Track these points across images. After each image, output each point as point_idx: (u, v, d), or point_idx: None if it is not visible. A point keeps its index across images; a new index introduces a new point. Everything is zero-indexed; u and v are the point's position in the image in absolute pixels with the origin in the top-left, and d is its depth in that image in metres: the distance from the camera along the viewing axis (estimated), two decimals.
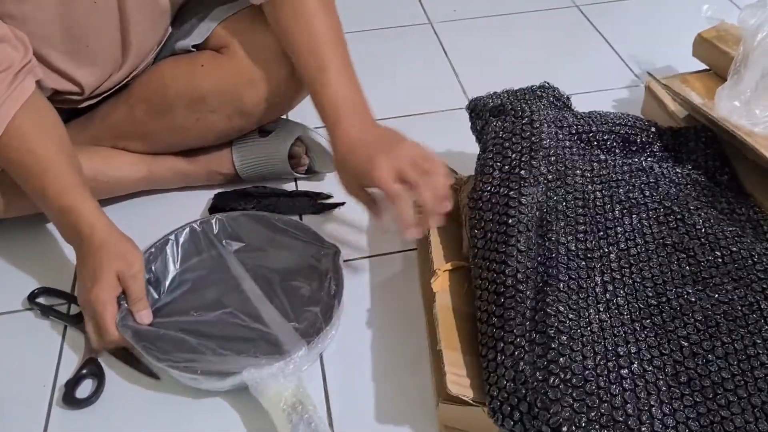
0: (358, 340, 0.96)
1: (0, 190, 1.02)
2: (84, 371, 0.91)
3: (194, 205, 1.17)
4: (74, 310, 1.00)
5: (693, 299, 0.82)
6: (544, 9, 1.72)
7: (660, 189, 0.97)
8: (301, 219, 1.15)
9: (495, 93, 1.07)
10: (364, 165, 0.88)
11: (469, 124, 1.07)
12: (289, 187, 1.21)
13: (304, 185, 1.21)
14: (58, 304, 1.01)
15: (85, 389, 0.90)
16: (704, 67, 1.27)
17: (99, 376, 0.91)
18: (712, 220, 0.92)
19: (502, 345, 0.76)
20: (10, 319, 1.00)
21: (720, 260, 0.87)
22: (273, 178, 1.20)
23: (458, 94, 1.43)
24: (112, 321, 0.90)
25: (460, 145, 1.19)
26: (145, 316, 0.92)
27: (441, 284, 0.90)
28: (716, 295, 0.82)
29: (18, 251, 1.10)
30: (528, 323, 0.76)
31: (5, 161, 0.91)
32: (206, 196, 1.18)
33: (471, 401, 0.76)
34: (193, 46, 1.09)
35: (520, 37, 1.63)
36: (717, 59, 1.22)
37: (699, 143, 1.07)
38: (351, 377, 0.92)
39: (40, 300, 1.01)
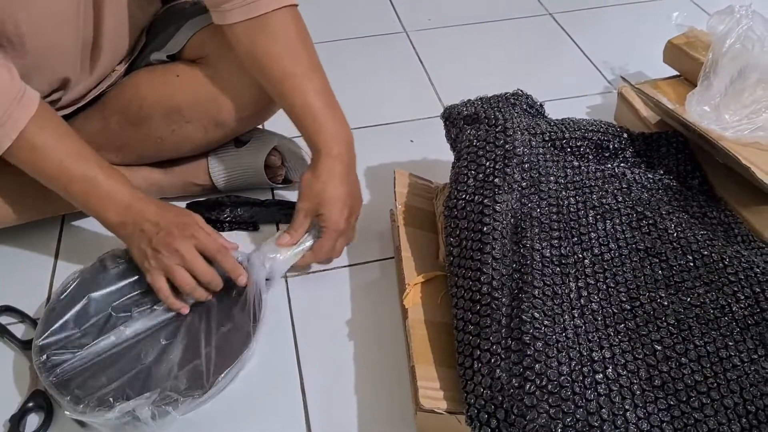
0: (338, 351, 0.96)
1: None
2: (30, 404, 0.87)
3: None
4: (27, 335, 0.97)
5: (666, 303, 0.83)
6: (518, 17, 1.74)
7: (632, 194, 0.98)
8: (277, 228, 1.15)
9: (469, 101, 1.08)
10: (337, 214, 0.98)
11: (444, 132, 1.08)
12: (265, 196, 1.20)
13: (281, 195, 1.21)
14: (13, 323, 0.99)
15: (31, 423, 0.87)
16: (675, 73, 1.29)
17: (46, 410, 0.87)
18: (683, 225, 0.93)
19: (478, 353, 0.76)
20: None
21: (692, 264, 0.88)
22: (250, 188, 1.20)
23: (434, 102, 1.44)
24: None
25: (436, 153, 1.20)
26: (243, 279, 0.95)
27: (413, 298, 0.90)
28: (688, 299, 0.83)
29: None
30: (504, 330, 0.77)
31: (32, 167, 0.92)
32: (180, 207, 1.17)
33: (445, 413, 0.77)
34: (168, 57, 1.09)
35: (495, 45, 1.64)
36: (687, 65, 1.24)
37: (670, 148, 1.09)
38: (330, 388, 0.92)
39: (1, 319, 0.99)
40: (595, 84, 1.48)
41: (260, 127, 1.21)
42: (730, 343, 0.78)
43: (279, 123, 1.17)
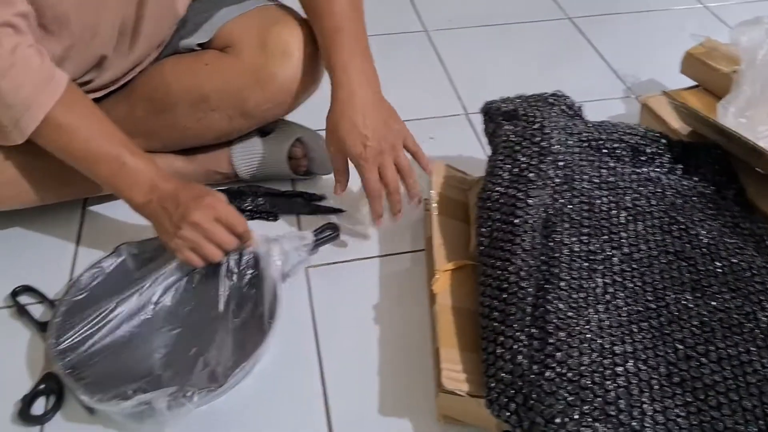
0: (362, 335, 0.97)
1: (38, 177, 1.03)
2: (42, 386, 0.87)
3: None
4: (45, 317, 0.97)
5: (691, 305, 0.83)
6: (538, 20, 1.75)
7: (666, 199, 0.98)
8: (297, 219, 1.15)
9: (508, 98, 1.09)
10: (353, 141, 1.00)
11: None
12: (286, 187, 1.21)
13: (302, 186, 1.21)
14: (33, 303, 1.00)
15: (41, 406, 0.86)
16: (692, 83, 1.28)
17: (57, 393, 0.87)
18: (714, 232, 0.93)
19: (502, 339, 0.78)
20: None
21: (720, 270, 0.88)
22: (272, 179, 1.20)
23: (453, 100, 1.44)
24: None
25: (455, 150, 1.20)
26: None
27: (442, 285, 0.92)
28: (714, 303, 0.84)
29: (11, 245, 1.10)
30: (528, 318, 0.78)
31: (60, 149, 0.93)
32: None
33: (465, 394, 0.79)
34: (198, 45, 1.09)
35: (514, 46, 1.65)
36: (706, 75, 1.23)
37: (708, 158, 1.08)
38: (352, 371, 0.92)
39: (21, 299, 1.00)
40: (614, 89, 1.48)
41: (284, 118, 1.19)
42: (753, 349, 0.79)
43: (303, 115, 1.17)
